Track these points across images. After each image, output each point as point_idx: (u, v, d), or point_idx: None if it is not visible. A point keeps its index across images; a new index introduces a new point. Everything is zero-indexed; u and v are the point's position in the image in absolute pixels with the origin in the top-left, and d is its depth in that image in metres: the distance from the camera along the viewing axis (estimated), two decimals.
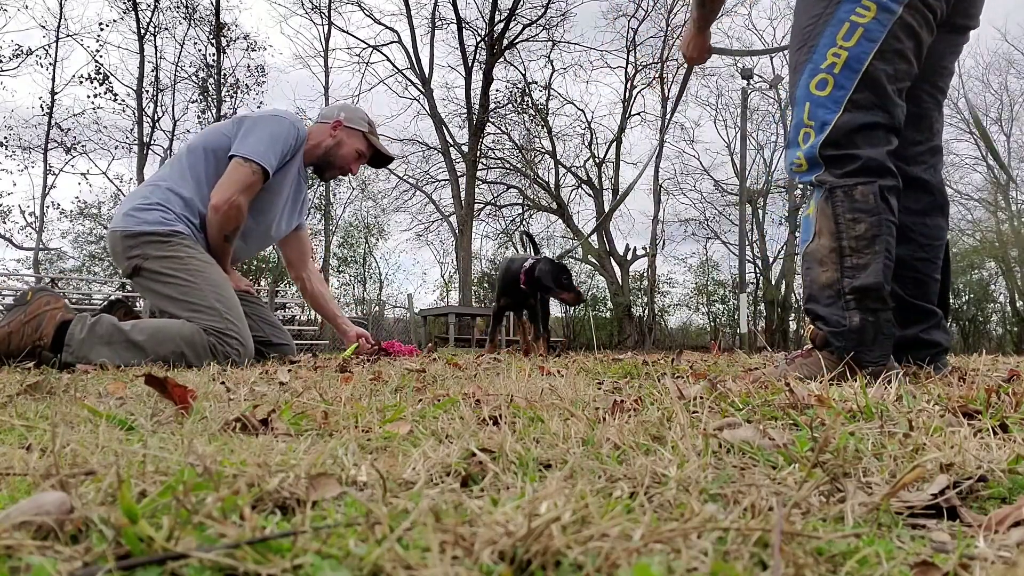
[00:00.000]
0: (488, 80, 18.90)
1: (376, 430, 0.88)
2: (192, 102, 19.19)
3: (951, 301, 2.00)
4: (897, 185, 1.66)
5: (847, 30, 1.63)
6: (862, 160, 1.63)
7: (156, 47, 18.58)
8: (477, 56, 19.42)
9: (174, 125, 18.89)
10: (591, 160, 22.09)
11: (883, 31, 1.62)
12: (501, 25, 18.84)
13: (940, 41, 1.77)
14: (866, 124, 1.64)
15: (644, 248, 21.35)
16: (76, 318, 2.28)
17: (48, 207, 18.83)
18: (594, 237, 20.01)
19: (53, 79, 17.72)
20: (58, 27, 17.81)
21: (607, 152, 21.96)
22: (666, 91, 21.11)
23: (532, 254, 4.13)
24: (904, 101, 1.71)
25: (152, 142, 18.38)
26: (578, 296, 3.67)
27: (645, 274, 22.18)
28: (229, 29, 19.06)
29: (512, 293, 3.79)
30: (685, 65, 2.45)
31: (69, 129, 18.20)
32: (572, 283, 3.67)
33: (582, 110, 31.81)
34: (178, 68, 19.09)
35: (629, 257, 20.81)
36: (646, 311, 21.68)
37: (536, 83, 21.19)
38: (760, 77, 19.55)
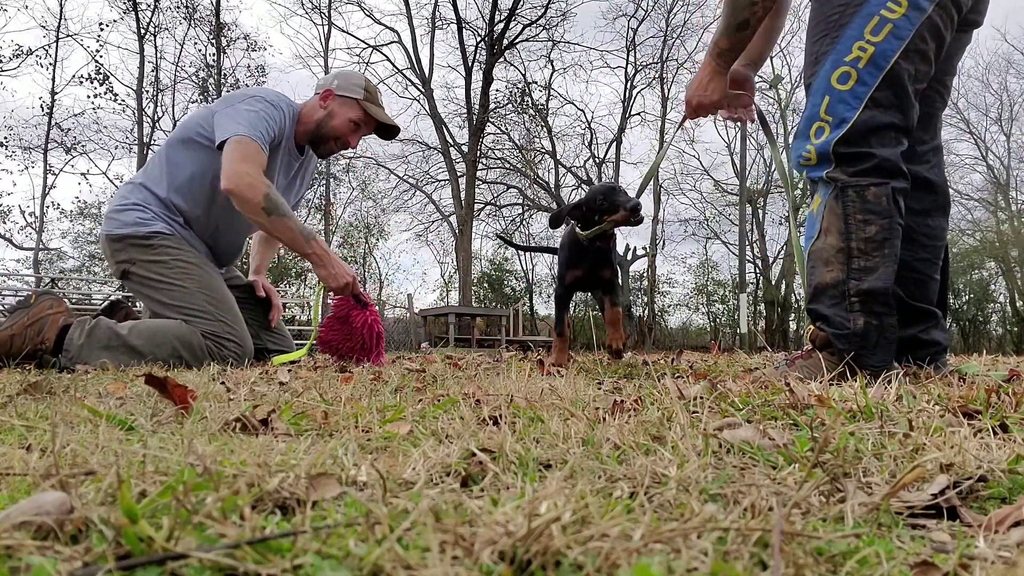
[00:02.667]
0: (488, 80, 18.90)
1: (376, 430, 0.88)
2: (192, 102, 19.22)
3: (951, 301, 2.00)
4: (907, 187, 1.64)
5: (876, 24, 1.59)
6: (877, 160, 1.60)
7: (156, 47, 18.63)
8: (477, 56, 19.44)
9: (174, 125, 18.85)
10: (591, 160, 22.11)
11: (911, 29, 1.59)
12: (501, 25, 18.85)
13: (951, 41, 1.74)
14: (883, 124, 1.61)
15: (644, 248, 21.38)
16: (75, 323, 2.28)
17: (48, 207, 18.86)
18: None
19: (53, 79, 17.75)
20: (58, 27, 17.82)
21: (607, 152, 22.00)
22: (666, 91, 21.14)
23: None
24: (918, 102, 1.68)
25: (152, 142, 18.39)
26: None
27: (645, 274, 22.20)
28: (229, 29, 19.09)
29: (582, 260, 2.44)
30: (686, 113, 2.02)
31: (69, 129, 18.24)
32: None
33: (582, 110, 31.91)
34: (178, 68, 19.13)
35: (629, 257, 20.82)
36: (646, 311, 21.68)
37: (536, 83, 21.25)
38: (760, 77, 19.53)
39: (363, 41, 19.98)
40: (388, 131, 2.78)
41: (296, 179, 2.89)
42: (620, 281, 2.64)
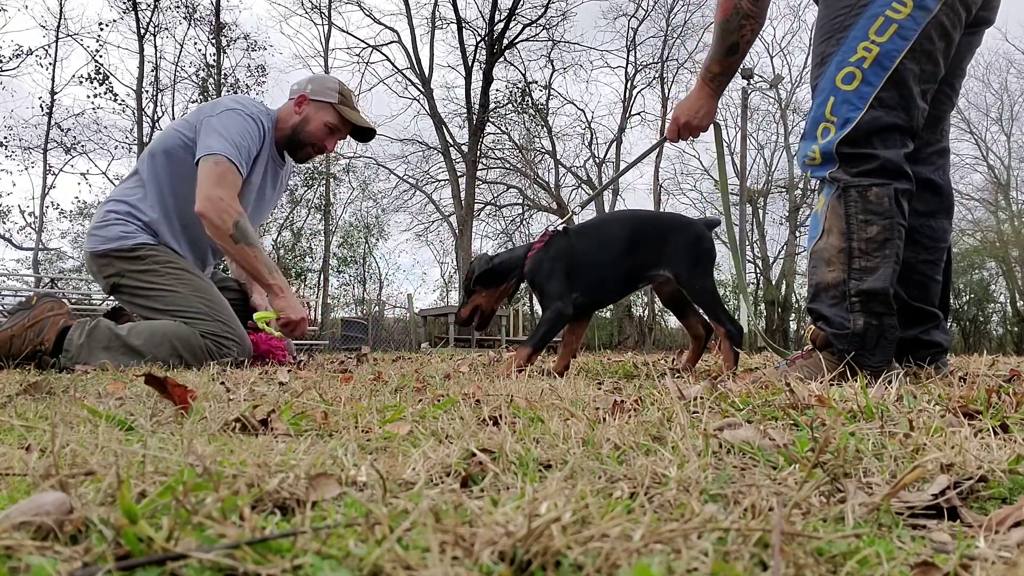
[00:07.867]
0: (488, 80, 18.89)
1: (376, 430, 0.88)
2: (192, 102, 19.19)
3: (951, 301, 1.98)
4: (911, 189, 1.63)
5: (881, 25, 1.58)
6: (880, 161, 1.59)
7: (156, 47, 18.61)
8: (477, 56, 19.42)
9: None
10: (591, 160, 22.11)
11: (917, 29, 1.57)
12: (501, 25, 18.85)
13: (961, 43, 1.73)
14: (887, 125, 1.60)
15: None
16: (76, 324, 2.28)
17: (48, 207, 18.86)
18: None
19: (53, 79, 17.74)
20: (58, 27, 17.81)
21: (607, 152, 22.00)
22: (666, 91, 21.15)
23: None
24: (927, 103, 1.67)
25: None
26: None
27: None
28: (229, 29, 19.06)
29: None
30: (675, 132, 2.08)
31: (69, 129, 18.23)
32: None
33: (582, 110, 31.96)
34: (178, 68, 19.11)
35: None
36: (646, 311, 21.69)
37: (536, 83, 21.25)
38: (760, 77, 19.56)
39: (363, 41, 20.00)
40: (364, 134, 2.80)
41: (278, 187, 2.90)
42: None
